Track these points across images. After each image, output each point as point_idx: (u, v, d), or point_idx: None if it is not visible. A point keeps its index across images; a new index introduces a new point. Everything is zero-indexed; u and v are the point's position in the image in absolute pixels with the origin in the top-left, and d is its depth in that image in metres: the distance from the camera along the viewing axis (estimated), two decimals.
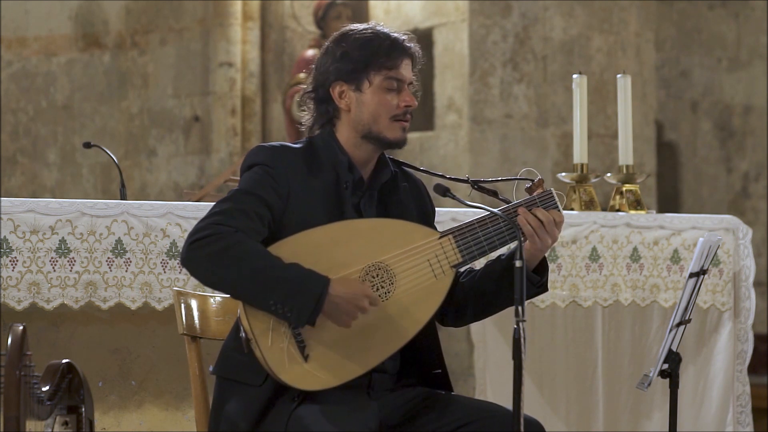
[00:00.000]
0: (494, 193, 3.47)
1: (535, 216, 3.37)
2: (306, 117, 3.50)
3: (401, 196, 3.49)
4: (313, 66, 3.48)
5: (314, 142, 3.45)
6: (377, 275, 3.31)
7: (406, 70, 3.42)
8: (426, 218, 3.53)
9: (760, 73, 9.81)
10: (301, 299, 3.20)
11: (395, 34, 3.43)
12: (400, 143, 3.44)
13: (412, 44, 3.45)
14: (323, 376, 3.24)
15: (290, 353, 3.24)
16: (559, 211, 3.40)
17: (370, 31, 3.43)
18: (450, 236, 3.37)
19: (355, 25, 3.49)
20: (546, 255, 3.45)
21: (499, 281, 3.40)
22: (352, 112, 3.42)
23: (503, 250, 3.48)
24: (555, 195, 3.42)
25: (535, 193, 3.43)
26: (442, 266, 3.36)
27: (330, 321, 3.25)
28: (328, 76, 3.42)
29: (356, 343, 3.28)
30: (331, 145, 3.43)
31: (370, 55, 3.39)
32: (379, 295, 3.31)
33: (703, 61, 9.84)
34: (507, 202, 3.44)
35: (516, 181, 3.61)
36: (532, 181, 3.47)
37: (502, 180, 3.63)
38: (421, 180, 3.59)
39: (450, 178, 3.62)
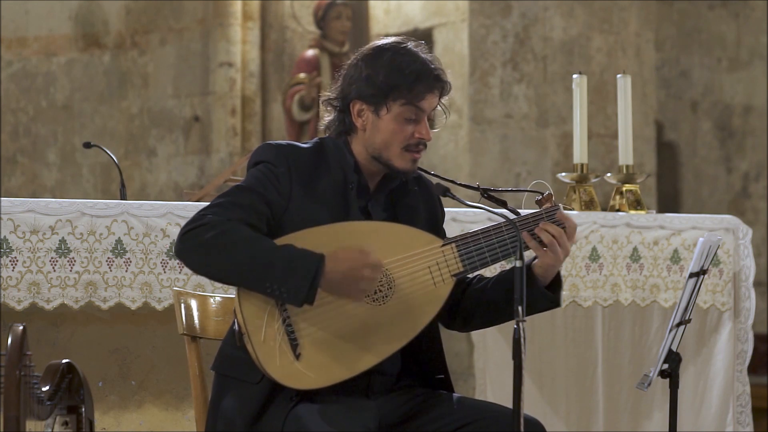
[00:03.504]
0: (503, 203, 3.44)
1: (547, 231, 3.35)
2: (326, 117, 3.47)
3: (411, 199, 3.47)
4: (341, 73, 3.44)
5: (324, 143, 3.43)
6: None
7: (428, 102, 3.37)
8: (435, 222, 3.51)
9: (760, 73, 9.81)
10: (296, 279, 3.18)
11: (425, 65, 3.36)
12: (406, 173, 3.41)
13: (441, 76, 3.38)
14: (313, 375, 3.23)
15: (282, 350, 3.23)
16: (567, 215, 3.38)
17: (400, 56, 3.36)
18: (453, 245, 3.36)
19: (389, 41, 3.41)
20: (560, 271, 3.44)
21: (509, 293, 3.37)
22: (366, 132, 3.39)
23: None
24: (562, 210, 3.40)
25: (542, 208, 3.41)
26: (442, 274, 3.34)
27: (339, 296, 3.22)
28: (350, 92, 3.38)
29: (349, 344, 3.27)
30: (341, 148, 3.41)
31: (393, 84, 3.33)
32: (376, 299, 3.29)
33: (703, 61, 9.84)
34: (515, 212, 3.42)
35: (515, 190, 3.60)
36: (542, 194, 3.44)
37: (511, 190, 3.61)
38: (440, 184, 3.57)
39: (461, 185, 3.61)
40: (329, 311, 3.26)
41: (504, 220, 3.35)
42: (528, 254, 3.35)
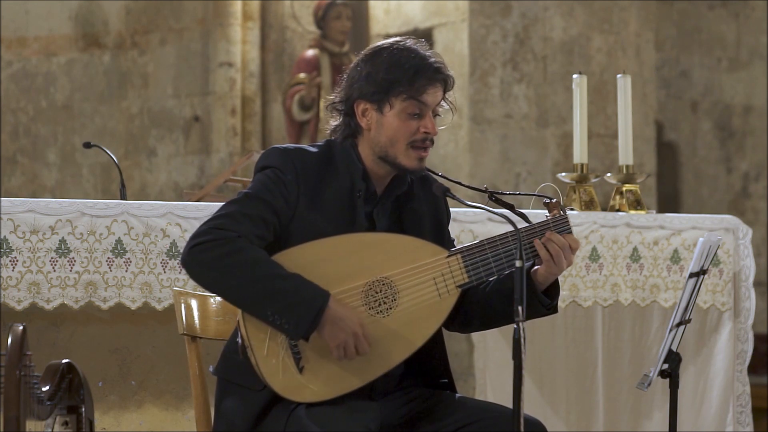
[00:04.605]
0: (510, 207, 3.43)
1: (553, 241, 3.34)
2: (332, 122, 3.46)
3: (416, 204, 3.46)
4: (343, 77, 3.44)
5: (333, 146, 3.42)
6: (380, 290, 3.29)
7: (431, 96, 3.36)
8: (440, 227, 3.50)
9: (760, 73, 9.81)
10: (299, 313, 3.18)
11: (424, 59, 3.35)
12: (414, 172, 3.39)
13: (441, 69, 3.37)
14: (316, 388, 3.23)
15: (285, 364, 3.23)
16: (573, 236, 3.37)
17: (398, 52, 3.35)
18: (458, 255, 3.34)
19: (388, 41, 3.41)
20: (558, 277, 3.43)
21: (509, 298, 3.33)
22: (371, 131, 3.38)
23: None
24: (571, 229, 3.38)
25: (550, 216, 3.40)
26: (447, 285, 3.33)
27: (321, 337, 3.22)
28: (353, 92, 3.38)
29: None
30: (349, 153, 3.40)
31: (393, 80, 3.32)
32: (380, 311, 3.28)
33: (703, 61, 9.84)
34: (523, 216, 3.41)
35: (523, 194, 3.59)
36: (550, 198, 3.43)
37: (520, 194, 3.61)
38: (440, 184, 3.55)
39: (469, 187, 3.60)
40: None
41: (510, 230, 3.33)
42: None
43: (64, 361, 3.10)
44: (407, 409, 3.39)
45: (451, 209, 3.59)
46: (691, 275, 3.71)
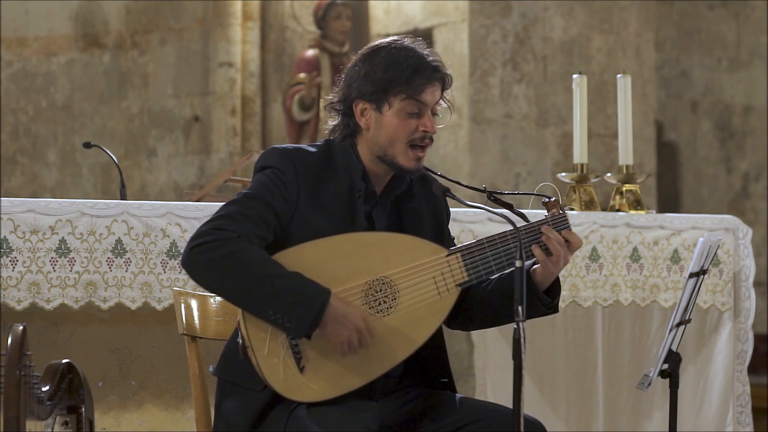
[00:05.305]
0: (509, 206, 3.43)
1: (551, 238, 3.33)
2: (331, 121, 3.46)
3: (416, 204, 3.46)
4: (342, 75, 3.43)
5: (332, 146, 3.42)
6: (380, 290, 3.29)
7: (430, 95, 3.35)
8: (440, 226, 3.50)
9: (760, 73, 9.81)
10: (301, 311, 3.18)
11: (422, 58, 3.35)
12: (412, 172, 3.39)
13: (439, 67, 3.36)
14: (317, 388, 3.23)
15: (286, 363, 3.23)
16: (573, 233, 3.37)
17: (396, 51, 3.35)
18: (458, 254, 3.34)
19: (386, 40, 3.41)
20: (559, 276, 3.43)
21: (510, 297, 3.31)
22: (370, 131, 3.38)
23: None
24: (570, 226, 3.38)
25: (549, 214, 3.39)
26: (447, 284, 3.33)
27: (324, 335, 3.23)
28: (351, 92, 3.38)
29: (353, 357, 3.26)
30: (349, 153, 3.40)
31: (391, 79, 3.32)
32: (381, 310, 3.29)
33: (703, 61, 9.84)
34: (522, 215, 3.40)
35: (522, 193, 3.59)
36: (549, 198, 3.42)
37: (518, 194, 3.60)
38: (439, 184, 3.55)
39: (467, 187, 3.60)
40: None
41: (509, 229, 3.32)
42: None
43: (64, 361, 3.10)
44: (407, 409, 3.40)
45: (450, 209, 3.59)
46: (691, 275, 3.71)
